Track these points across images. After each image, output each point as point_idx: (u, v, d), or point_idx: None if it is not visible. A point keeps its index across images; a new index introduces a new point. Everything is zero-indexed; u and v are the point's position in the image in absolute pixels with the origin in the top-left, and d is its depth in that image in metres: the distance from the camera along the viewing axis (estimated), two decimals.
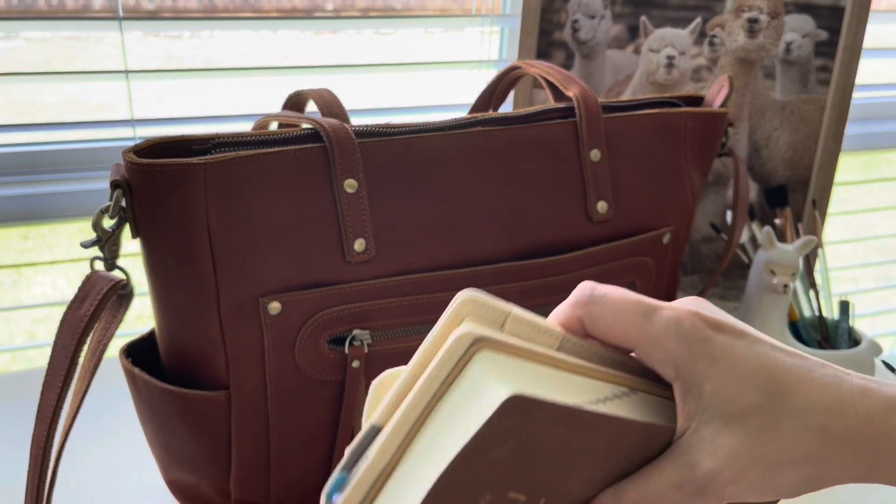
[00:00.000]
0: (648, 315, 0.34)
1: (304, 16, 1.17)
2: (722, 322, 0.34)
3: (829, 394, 0.33)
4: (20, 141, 0.90)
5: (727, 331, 0.34)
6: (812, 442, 0.33)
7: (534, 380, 0.32)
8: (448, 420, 0.30)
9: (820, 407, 0.33)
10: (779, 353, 0.34)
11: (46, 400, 0.48)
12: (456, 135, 0.55)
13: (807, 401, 0.33)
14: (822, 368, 0.34)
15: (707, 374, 0.33)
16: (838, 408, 0.33)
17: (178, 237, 0.49)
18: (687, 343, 0.33)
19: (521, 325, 0.34)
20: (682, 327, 0.33)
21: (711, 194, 0.87)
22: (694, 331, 0.33)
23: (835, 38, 0.85)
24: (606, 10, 0.82)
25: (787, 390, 0.33)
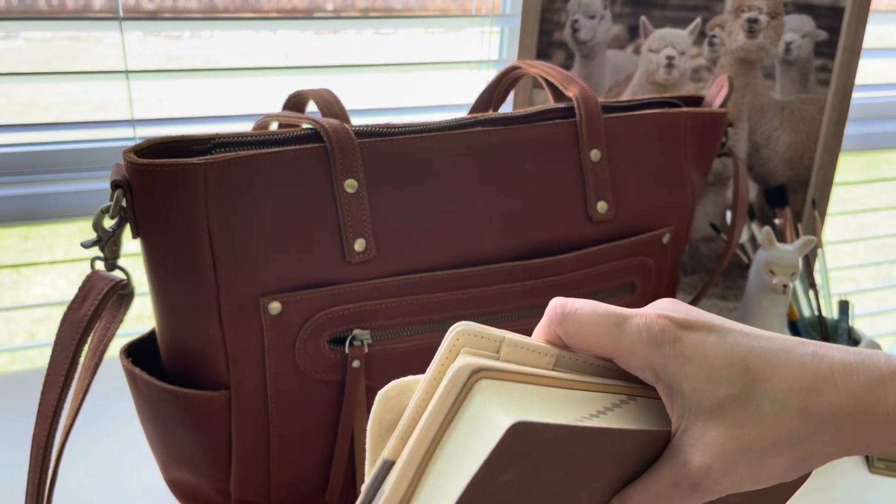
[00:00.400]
0: (620, 325, 0.35)
1: (305, 16, 1.17)
2: (691, 320, 0.34)
3: (807, 373, 0.33)
4: (21, 141, 0.90)
5: (697, 327, 0.34)
6: (794, 423, 0.33)
7: (533, 403, 0.32)
8: (456, 452, 0.31)
9: (798, 387, 0.33)
10: (753, 340, 0.34)
11: (47, 400, 0.48)
12: (456, 135, 0.55)
13: (784, 384, 0.33)
14: (801, 347, 0.34)
15: (683, 373, 0.34)
16: (817, 385, 0.33)
17: (179, 237, 0.49)
18: (659, 346, 0.34)
19: (515, 350, 0.35)
20: (652, 332, 0.34)
21: (711, 194, 0.87)
22: (664, 333, 0.34)
23: (834, 38, 0.85)
24: (606, 10, 0.82)
25: (762, 377, 0.33)
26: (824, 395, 0.33)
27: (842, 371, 0.33)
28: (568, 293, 0.60)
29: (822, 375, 0.33)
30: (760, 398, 0.33)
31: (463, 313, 0.56)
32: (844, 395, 0.33)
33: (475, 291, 0.56)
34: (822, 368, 0.33)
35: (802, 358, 0.33)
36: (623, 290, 0.64)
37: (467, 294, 0.56)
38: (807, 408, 0.33)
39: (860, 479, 0.71)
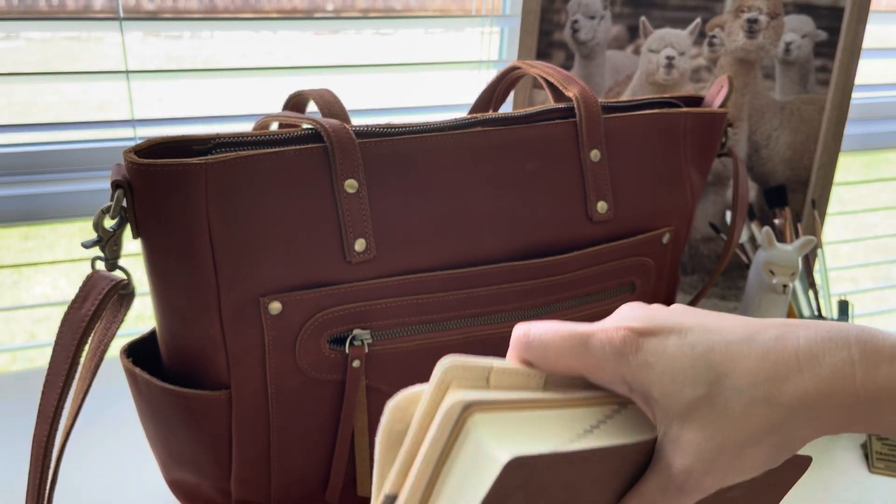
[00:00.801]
0: (583, 343, 0.35)
1: (305, 16, 1.17)
2: (651, 326, 0.35)
3: (770, 361, 0.33)
4: (21, 141, 0.90)
5: (657, 332, 0.35)
6: (764, 414, 0.33)
7: (527, 430, 0.33)
8: (457, 487, 0.32)
9: (762, 377, 0.33)
10: (714, 336, 0.34)
11: (47, 400, 0.48)
12: (456, 135, 0.55)
13: (747, 375, 0.33)
14: (764, 333, 0.34)
15: (650, 381, 0.34)
16: (782, 373, 0.33)
17: (179, 237, 0.49)
18: (623, 358, 0.34)
19: (504, 376, 0.35)
20: (614, 345, 0.34)
21: (711, 194, 0.87)
22: (625, 345, 0.34)
23: (834, 39, 0.85)
24: (606, 10, 0.82)
25: (724, 372, 0.33)
26: (790, 381, 0.33)
27: (807, 354, 0.33)
28: (568, 293, 0.60)
29: (786, 362, 0.33)
30: (727, 394, 0.33)
31: (463, 313, 0.56)
32: (810, 380, 0.32)
33: (475, 291, 0.56)
34: (786, 354, 0.33)
35: (765, 345, 0.33)
36: (623, 290, 0.64)
37: (467, 294, 0.56)
38: (773, 397, 0.33)
39: (859, 478, 0.71)
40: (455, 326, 0.57)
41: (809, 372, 0.33)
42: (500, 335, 0.58)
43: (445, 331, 0.56)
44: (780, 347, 0.33)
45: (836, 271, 1.89)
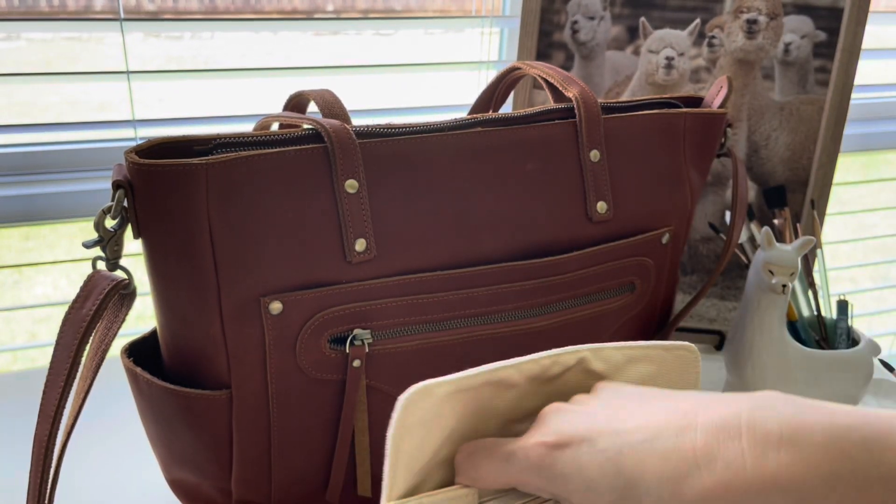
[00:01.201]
0: (507, 461, 0.39)
1: (305, 17, 1.17)
2: (563, 440, 0.38)
3: (672, 462, 0.35)
4: (22, 141, 0.90)
5: (570, 444, 0.37)
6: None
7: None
8: None
9: (665, 477, 0.35)
10: (624, 437, 0.36)
11: (48, 399, 0.48)
12: (456, 135, 0.55)
13: (654, 476, 0.35)
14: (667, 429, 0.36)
15: (568, 490, 0.37)
16: (683, 471, 0.34)
17: (180, 237, 0.49)
18: (540, 472, 0.38)
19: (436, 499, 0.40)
20: (531, 462, 0.38)
21: (710, 194, 0.88)
22: (540, 460, 0.38)
23: (833, 39, 0.85)
24: (606, 11, 0.82)
25: (634, 476, 0.36)
26: (690, 479, 0.34)
27: (703, 450, 0.34)
28: (567, 293, 0.60)
29: (686, 460, 0.35)
30: (639, 496, 0.35)
31: (463, 313, 0.56)
32: (707, 476, 0.34)
33: (475, 291, 0.56)
34: (685, 453, 0.35)
35: (666, 444, 0.35)
36: (622, 290, 0.64)
37: (467, 294, 0.56)
38: (677, 494, 0.35)
39: None
40: (455, 326, 0.57)
41: (706, 469, 0.34)
42: (500, 335, 0.58)
43: (445, 330, 0.56)
44: (679, 446, 0.35)
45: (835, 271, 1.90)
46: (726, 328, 0.89)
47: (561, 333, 0.61)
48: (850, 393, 0.74)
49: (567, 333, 0.61)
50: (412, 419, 0.39)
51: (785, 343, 0.73)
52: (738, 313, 0.77)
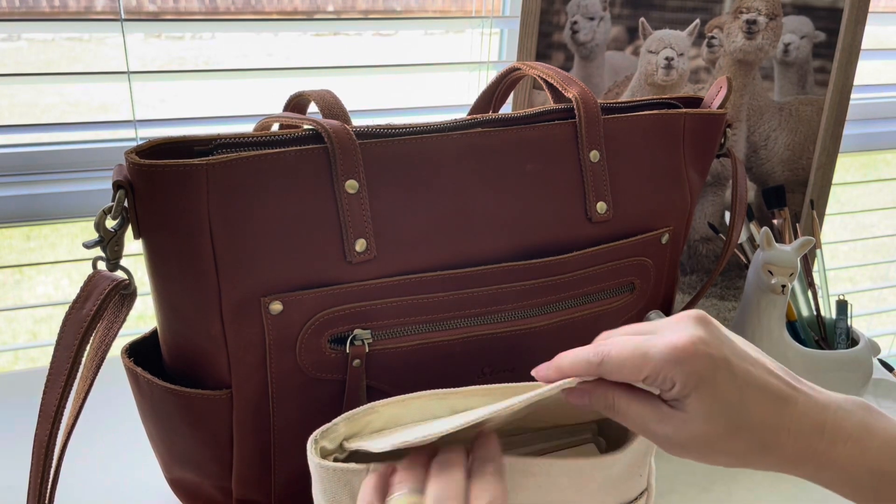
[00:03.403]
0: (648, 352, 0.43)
1: (305, 17, 1.17)
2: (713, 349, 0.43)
3: (773, 420, 0.43)
4: (23, 141, 0.90)
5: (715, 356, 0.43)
6: (750, 449, 0.44)
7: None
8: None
9: (766, 426, 0.43)
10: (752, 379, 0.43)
11: (49, 399, 0.48)
12: (456, 136, 0.56)
13: (758, 422, 0.43)
14: (775, 395, 0.43)
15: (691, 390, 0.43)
16: (777, 430, 0.43)
17: (180, 237, 0.50)
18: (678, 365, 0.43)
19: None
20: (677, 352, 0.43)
21: (710, 195, 0.88)
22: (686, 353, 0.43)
23: (833, 40, 0.85)
24: (605, 11, 0.83)
25: (745, 413, 0.43)
26: (780, 439, 0.43)
27: (796, 425, 0.43)
28: (567, 293, 0.60)
29: (783, 423, 0.43)
30: (741, 429, 0.43)
31: (463, 313, 0.57)
32: (790, 444, 0.43)
33: (475, 291, 0.57)
34: (785, 419, 0.43)
35: (775, 404, 0.43)
36: (622, 290, 0.64)
37: (467, 294, 0.56)
38: (767, 445, 0.43)
39: None
40: (455, 326, 0.57)
41: (792, 438, 0.43)
42: (500, 335, 0.58)
43: (445, 330, 0.57)
44: (783, 410, 0.43)
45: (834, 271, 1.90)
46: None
47: (561, 333, 0.61)
48: (850, 393, 0.74)
49: (567, 333, 0.61)
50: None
51: (784, 343, 0.73)
52: (738, 313, 0.77)
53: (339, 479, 0.44)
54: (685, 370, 0.42)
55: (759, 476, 0.71)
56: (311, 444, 0.46)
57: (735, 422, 0.42)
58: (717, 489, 0.69)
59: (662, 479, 0.70)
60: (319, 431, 0.47)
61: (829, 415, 0.43)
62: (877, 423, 0.43)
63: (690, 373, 0.42)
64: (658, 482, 0.69)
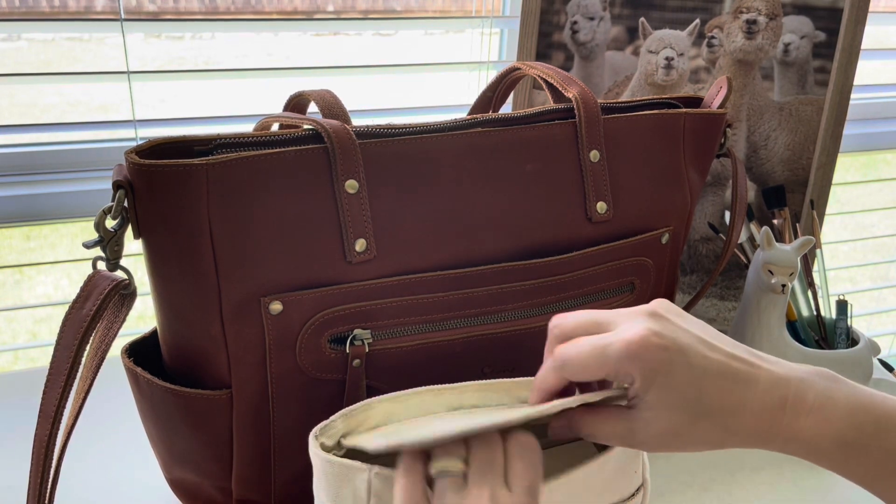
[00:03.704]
0: (605, 351, 0.44)
1: (305, 17, 1.17)
2: (666, 341, 0.43)
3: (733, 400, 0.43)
4: (23, 141, 0.90)
5: (669, 348, 0.43)
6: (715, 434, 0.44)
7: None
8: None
9: (725, 409, 0.43)
10: (710, 365, 0.43)
11: (49, 399, 0.48)
12: (456, 135, 0.56)
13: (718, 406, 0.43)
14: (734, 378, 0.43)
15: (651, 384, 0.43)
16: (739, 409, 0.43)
17: (180, 237, 0.50)
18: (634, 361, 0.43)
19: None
20: (631, 350, 0.43)
21: (710, 195, 0.88)
22: (641, 350, 0.43)
23: (833, 40, 0.85)
24: (605, 11, 0.83)
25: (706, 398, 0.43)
26: (741, 417, 0.43)
27: (758, 402, 0.43)
28: (567, 293, 0.60)
29: (744, 402, 0.43)
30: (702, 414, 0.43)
31: (463, 313, 0.57)
32: (752, 420, 0.43)
33: (475, 291, 0.57)
34: (745, 398, 0.43)
35: (734, 385, 0.43)
36: (622, 290, 0.64)
37: (467, 294, 0.56)
38: (729, 425, 0.43)
39: None
40: (455, 326, 0.57)
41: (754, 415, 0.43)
42: (500, 335, 0.58)
43: (445, 330, 0.57)
44: (743, 391, 0.43)
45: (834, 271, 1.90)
46: (726, 328, 0.89)
47: None
48: None
49: None
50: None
51: (784, 343, 0.73)
52: (738, 313, 0.77)
53: (343, 474, 0.45)
54: (641, 366, 0.43)
55: (758, 476, 0.71)
56: (312, 439, 0.46)
57: (696, 410, 0.43)
58: (716, 489, 0.69)
59: (662, 478, 0.70)
60: (319, 428, 0.47)
61: (791, 389, 0.43)
62: (839, 392, 0.43)
63: (646, 368, 0.43)
64: (657, 482, 0.69)
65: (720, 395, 0.43)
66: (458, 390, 0.51)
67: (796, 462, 0.72)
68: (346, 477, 0.45)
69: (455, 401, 0.51)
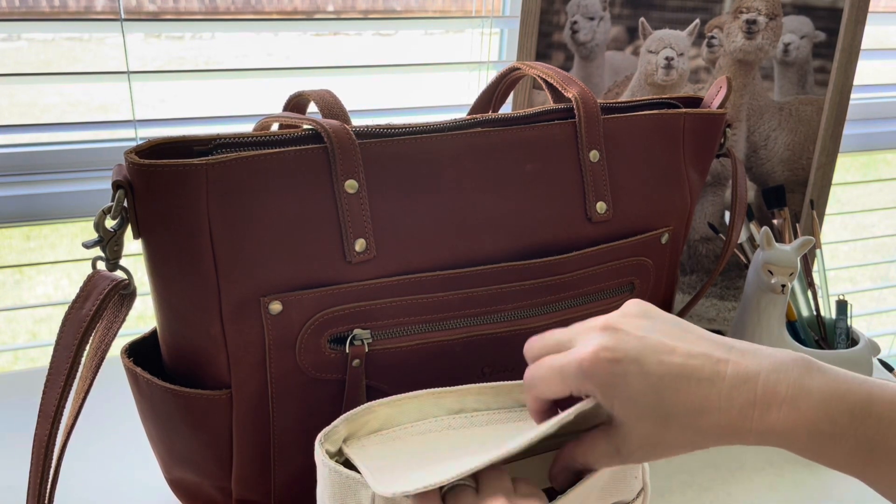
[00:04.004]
0: (562, 372, 0.45)
1: (305, 17, 1.17)
2: (618, 355, 0.43)
3: (698, 400, 0.42)
4: (23, 141, 0.90)
5: (622, 360, 0.43)
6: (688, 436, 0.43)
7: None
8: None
9: (693, 410, 0.42)
10: (667, 368, 0.43)
11: (48, 399, 0.48)
12: (456, 135, 0.56)
13: (683, 408, 0.43)
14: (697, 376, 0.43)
15: (612, 398, 0.44)
16: (707, 408, 0.42)
17: (180, 237, 0.50)
18: (591, 379, 0.44)
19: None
20: (584, 371, 0.44)
21: (710, 195, 0.88)
22: (593, 369, 0.44)
23: (833, 39, 0.85)
24: (605, 11, 0.83)
25: (668, 402, 0.43)
26: (710, 416, 0.42)
27: (725, 397, 0.42)
28: (567, 293, 0.60)
29: (711, 400, 0.42)
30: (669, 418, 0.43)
31: (463, 313, 0.57)
32: (723, 417, 0.42)
33: (475, 291, 0.57)
34: (711, 395, 0.42)
35: (698, 384, 0.43)
36: (622, 289, 0.64)
37: (467, 294, 0.56)
38: (698, 425, 0.43)
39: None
40: (455, 326, 0.57)
41: (724, 412, 0.42)
42: (500, 335, 0.58)
43: (445, 330, 0.57)
44: (708, 389, 0.42)
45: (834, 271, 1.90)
46: (726, 328, 0.89)
47: None
48: None
49: None
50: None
51: (784, 343, 0.73)
52: (738, 313, 0.77)
53: (350, 486, 0.45)
54: (596, 382, 0.43)
55: (758, 476, 0.71)
56: (318, 446, 0.47)
57: (660, 414, 0.43)
58: (716, 489, 0.69)
59: (662, 479, 0.70)
60: (323, 434, 0.47)
61: (760, 382, 0.42)
62: (812, 381, 0.42)
63: (602, 383, 0.43)
64: (657, 482, 0.69)
65: (683, 397, 0.43)
66: (458, 393, 0.51)
67: (796, 462, 0.72)
68: (351, 489, 0.45)
69: (456, 404, 0.52)
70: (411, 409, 0.51)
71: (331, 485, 0.46)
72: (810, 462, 0.71)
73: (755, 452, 0.74)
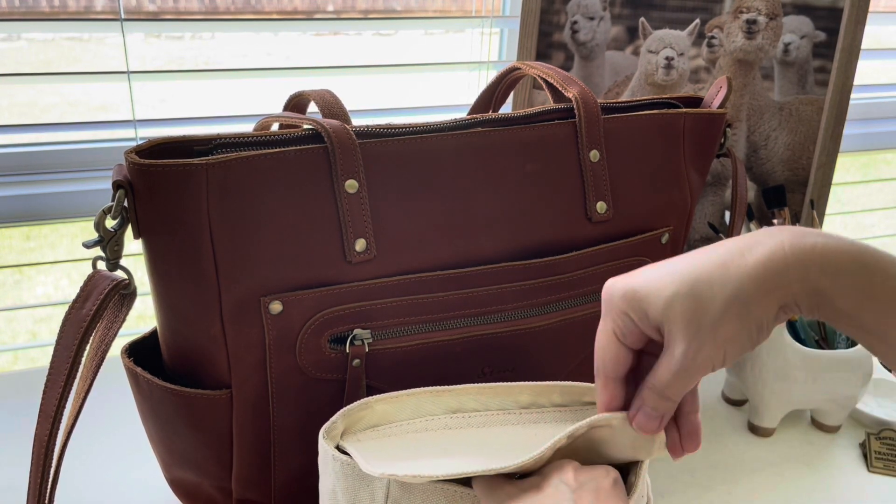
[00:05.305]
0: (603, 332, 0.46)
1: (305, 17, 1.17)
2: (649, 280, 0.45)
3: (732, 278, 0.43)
4: (22, 141, 0.90)
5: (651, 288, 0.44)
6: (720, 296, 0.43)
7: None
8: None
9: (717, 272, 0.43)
10: (699, 271, 0.44)
11: (49, 399, 0.48)
12: (456, 135, 0.56)
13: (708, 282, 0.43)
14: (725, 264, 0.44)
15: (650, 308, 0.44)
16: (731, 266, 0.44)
17: (180, 237, 0.50)
18: (627, 301, 0.45)
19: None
20: (617, 299, 0.45)
21: (710, 194, 0.88)
22: (627, 294, 0.45)
23: (833, 39, 0.85)
24: (605, 11, 0.83)
25: (703, 292, 0.43)
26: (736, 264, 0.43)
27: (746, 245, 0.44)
28: (567, 293, 0.60)
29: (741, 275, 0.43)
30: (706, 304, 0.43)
31: (463, 313, 0.57)
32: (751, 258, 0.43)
33: (475, 291, 0.57)
34: (742, 268, 0.43)
35: (728, 267, 0.43)
36: None
37: (467, 294, 0.56)
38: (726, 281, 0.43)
39: (858, 477, 0.72)
40: (455, 326, 0.57)
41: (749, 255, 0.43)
42: (500, 335, 0.58)
43: (445, 330, 0.57)
44: (739, 265, 0.43)
45: None
46: None
47: (560, 333, 0.61)
48: (850, 392, 0.74)
49: (566, 333, 0.61)
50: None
51: (784, 343, 0.73)
52: None
53: (362, 477, 0.45)
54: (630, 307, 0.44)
55: (759, 476, 0.71)
56: (324, 442, 0.47)
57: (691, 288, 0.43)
58: (717, 489, 0.69)
59: (663, 479, 0.70)
60: (325, 430, 0.47)
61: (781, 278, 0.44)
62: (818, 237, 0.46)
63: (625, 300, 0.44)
64: (659, 482, 0.69)
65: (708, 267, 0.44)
66: (456, 393, 0.51)
67: (796, 462, 0.72)
68: (364, 481, 0.45)
69: (453, 403, 0.52)
70: (408, 406, 0.51)
71: (343, 478, 0.46)
72: (810, 462, 0.71)
73: (755, 452, 0.74)
